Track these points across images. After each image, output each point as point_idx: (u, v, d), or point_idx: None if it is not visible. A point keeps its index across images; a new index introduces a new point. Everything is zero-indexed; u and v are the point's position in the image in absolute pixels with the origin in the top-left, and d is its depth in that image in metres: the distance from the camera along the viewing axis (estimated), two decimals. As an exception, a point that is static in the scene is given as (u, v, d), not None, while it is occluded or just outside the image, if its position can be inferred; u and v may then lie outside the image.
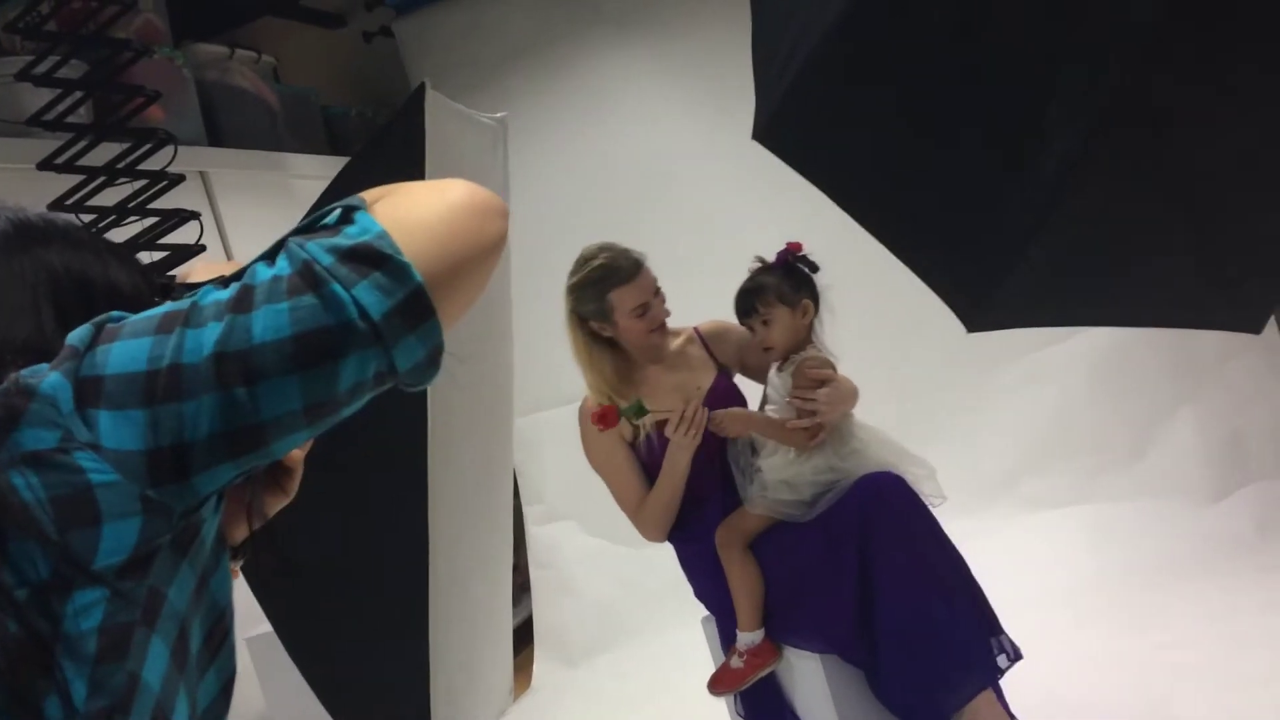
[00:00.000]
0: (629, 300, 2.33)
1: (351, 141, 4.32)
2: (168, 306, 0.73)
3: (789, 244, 2.38)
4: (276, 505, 0.92)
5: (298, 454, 0.91)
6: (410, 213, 0.77)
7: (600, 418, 2.30)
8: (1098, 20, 1.12)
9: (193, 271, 0.90)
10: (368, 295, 0.71)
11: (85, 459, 0.66)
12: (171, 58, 3.34)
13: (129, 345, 0.70)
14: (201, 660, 0.75)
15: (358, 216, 0.75)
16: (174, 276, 0.93)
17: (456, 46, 4.40)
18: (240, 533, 0.88)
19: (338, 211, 0.77)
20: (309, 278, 0.71)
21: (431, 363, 0.77)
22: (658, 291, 2.38)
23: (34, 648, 0.63)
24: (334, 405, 0.73)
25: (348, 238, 0.73)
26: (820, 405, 2.23)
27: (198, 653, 0.74)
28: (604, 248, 2.38)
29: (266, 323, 0.69)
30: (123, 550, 0.66)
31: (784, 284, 2.32)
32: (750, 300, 2.33)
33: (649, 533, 2.48)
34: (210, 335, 0.69)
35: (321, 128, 4.28)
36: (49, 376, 0.69)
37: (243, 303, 0.71)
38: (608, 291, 2.34)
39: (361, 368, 0.72)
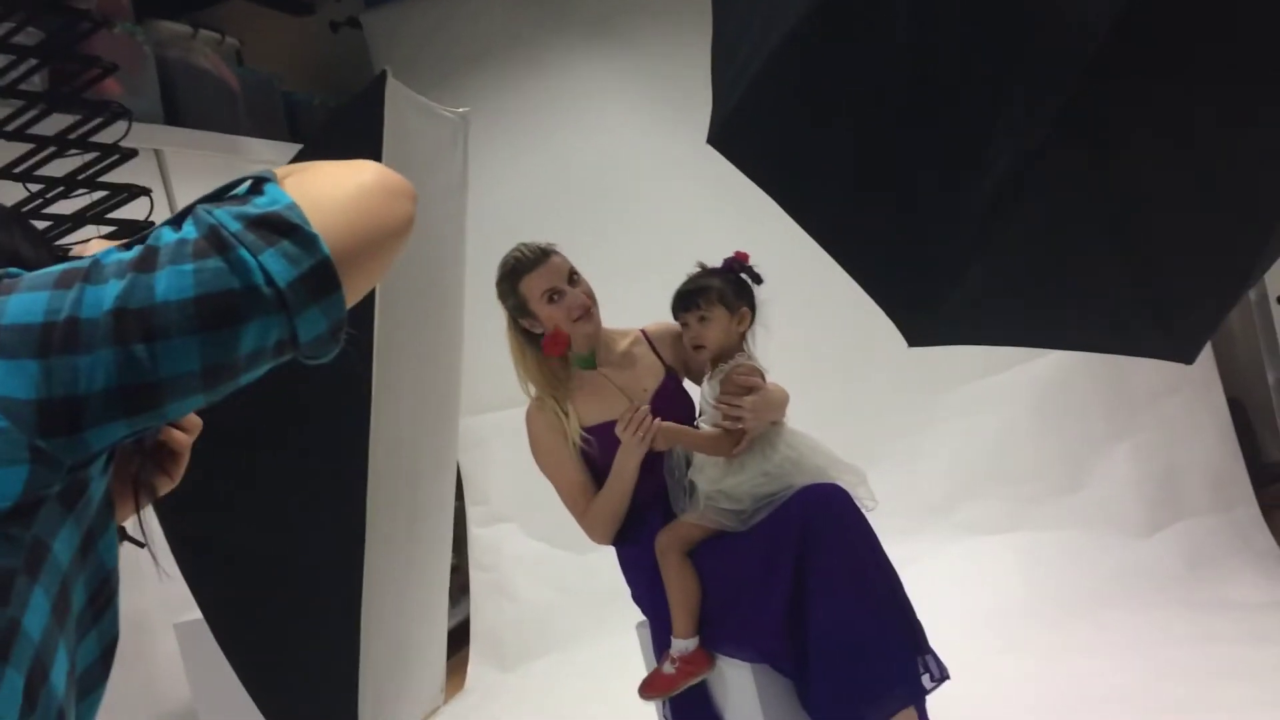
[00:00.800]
0: (537, 286, 2.37)
1: (312, 130, 4.29)
2: (67, 264, 0.73)
3: (737, 253, 2.42)
4: (162, 489, 0.92)
5: (185, 439, 0.91)
6: (321, 188, 0.78)
7: (552, 339, 2.33)
8: (1044, 42, 1.14)
9: (89, 246, 0.89)
10: (275, 262, 0.71)
11: None
12: (132, 33, 3.31)
13: (25, 298, 0.70)
14: (83, 621, 0.75)
15: (267, 188, 0.76)
16: (70, 249, 0.92)
17: (423, 42, 4.39)
18: (127, 512, 0.87)
19: (248, 183, 0.77)
20: (216, 242, 0.71)
21: (333, 336, 0.77)
22: (574, 281, 2.40)
23: None
24: (232, 370, 0.73)
25: (257, 207, 0.74)
26: (745, 411, 2.26)
27: (79, 613, 0.74)
28: (517, 245, 2.44)
29: (170, 283, 0.69)
30: (8, 497, 0.66)
31: (727, 288, 2.37)
32: (693, 298, 2.37)
33: (595, 535, 2.48)
34: (111, 291, 0.69)
35: (282, 114, 4.25)
36: None
37: (146, 262, 0.71)
38: (518, 283, 2.39)
39: (263, 334, 0.72)
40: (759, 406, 2.28)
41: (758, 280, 2.42)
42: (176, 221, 0.74)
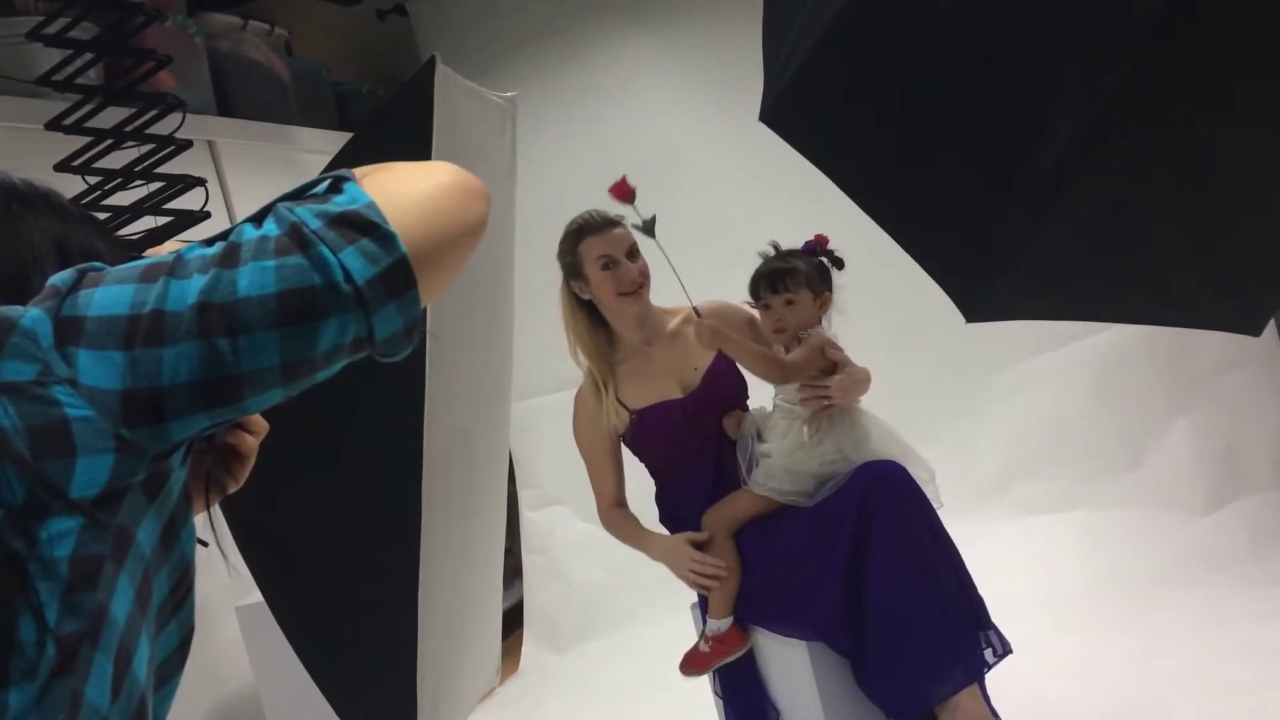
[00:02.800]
0: (595, 250, 2.40)
1: (361, 118, 4.32)
2: (152, 259, 0.75)
3: (818, 236, 2.39)
4: (229, 489, 0.94)
5: (251, 441, 0.93)
6: (398, 188, 0.79)
7: (619, 188, 2.29)
8: (1103, 12, 1.12)
9: (164, 249, 0.92)
10: (354, 260, 0.73)
11: (62, 393, 0.68)
12: (184, 26, 3.35)
13: (112, 290, 0.71)
14: (164, 612, 0.76)
15: (346, 187, 0.78)
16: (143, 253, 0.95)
17: (469, 28, 4.40)
18: (197, 509, 0.89)
19: (326, 182, 0.79)
20: (297, 239, 0.73)
21: (408, 334, 0.78)
22: (633, 256, 2.41)
23: (9, 564, 0.64)
24: (311, 366, 0.75)
25: (337, 205, 0.75)
26: (832, 391, 2.24)
27: (161, 603, 0.76)
28: (588, 210, 2.48)
29: (252, 278, 0.71)
30: (95, 484, 0.68)
31: (813, 271, 2.34)
32: (781, 279, 2.31)
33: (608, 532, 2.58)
34: (195, 285, 0.71)
35: (332, 103, 4.28)
36: (30, 312, 0.70)
37: (229, 258, 0.72)
38: (579, 242, 2.43)
39: (341, 331, 0.74)
40: (845, 385, 2.26)
41: (839, 265, 2.38)
42: (258, 219, 0.76)
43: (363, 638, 2.54)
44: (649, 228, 2.30)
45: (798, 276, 2.31)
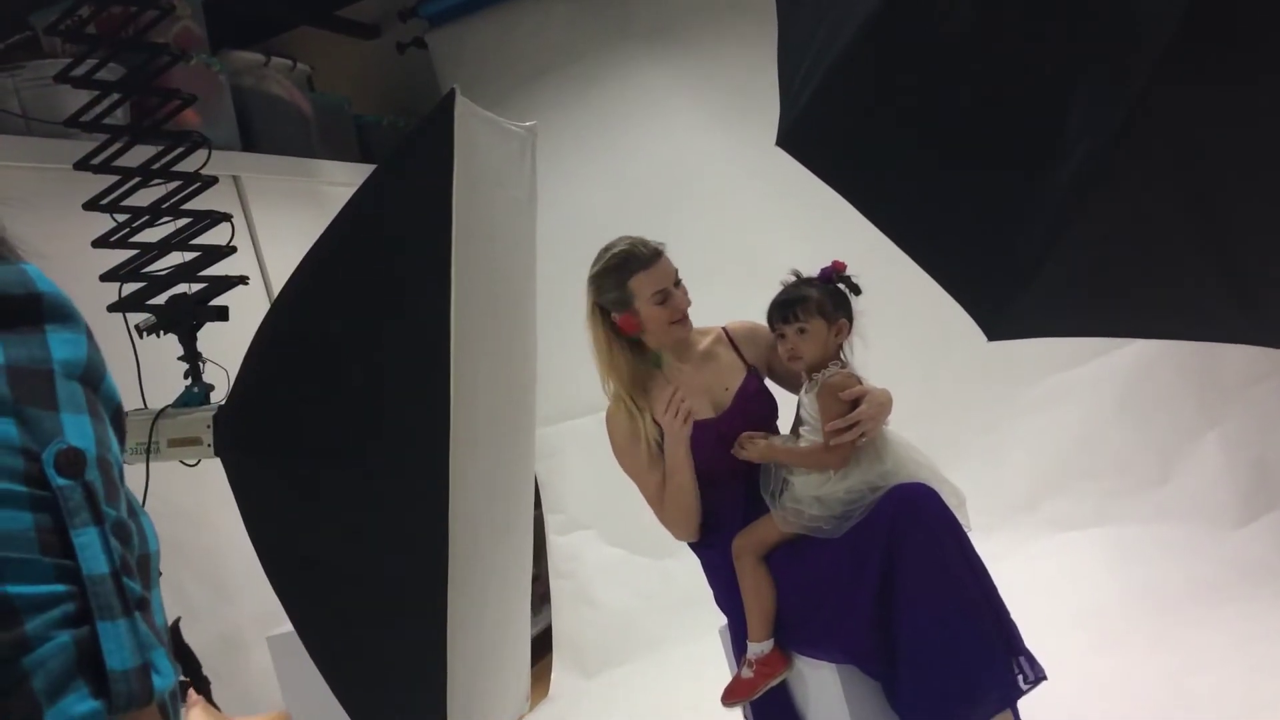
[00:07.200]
0: (648, 286, 2.34)
1: (382, 150, 4.37)
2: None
3: (835, 262, 2.38)
4: None
5: None
6: None
7: (625, 320, 2.34)
8: (1118, 30, 1.13)
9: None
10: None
11: None
12: (208, 64, 3.40)
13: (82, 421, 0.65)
14: None
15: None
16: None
17: (488, 58, 4.44)
18: None
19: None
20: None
21: None
22: (678, 282, 2.39)
23: None
24: None
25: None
26: (856, 431, 2.23)
27: None
28: (625, 238, 2.41)
29: None
30: None
31: (826, 299, 2.33)
32: (792, 308, 2.32)
33: (674, 531, 2.47)
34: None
35: (354, 136, 4.33)
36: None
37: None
38: (628, 278, 2.35)
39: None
40: (872, 414, 2.25)
41: (856, 291, 2.37)
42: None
43: (392, 666, 2.55)
44: (657, 361, 2.38)
45: (808, 305, 2.31)
